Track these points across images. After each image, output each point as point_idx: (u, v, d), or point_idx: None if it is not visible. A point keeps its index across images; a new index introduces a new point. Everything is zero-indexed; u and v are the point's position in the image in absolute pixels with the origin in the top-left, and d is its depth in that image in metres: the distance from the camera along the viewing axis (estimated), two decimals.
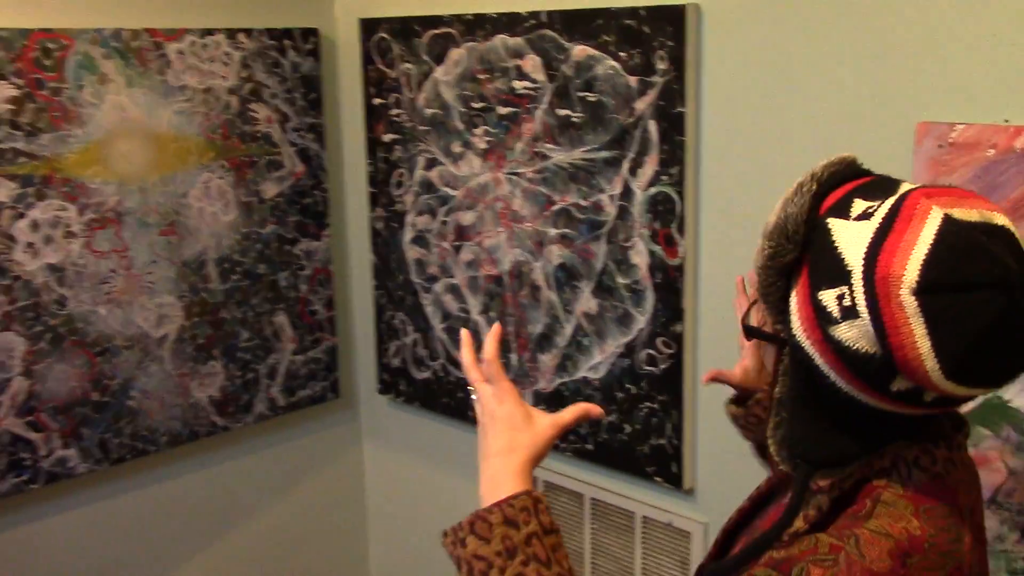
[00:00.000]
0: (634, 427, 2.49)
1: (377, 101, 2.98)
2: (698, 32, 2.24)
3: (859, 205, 0.96)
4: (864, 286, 0.91)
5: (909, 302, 0.89)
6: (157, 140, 2.72)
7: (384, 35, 2.91)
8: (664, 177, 2.32)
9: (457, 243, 2.85)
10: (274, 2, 2.96)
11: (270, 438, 3.16)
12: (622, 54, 2.34)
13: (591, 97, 2.42)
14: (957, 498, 1.02)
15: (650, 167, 2.35)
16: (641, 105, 2.33)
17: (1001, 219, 0.93)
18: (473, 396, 1.25)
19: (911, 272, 0.89)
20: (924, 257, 0.89)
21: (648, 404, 2.45)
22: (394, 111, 2.94)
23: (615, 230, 2.45)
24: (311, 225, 3.08)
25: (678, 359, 2.37)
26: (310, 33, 3.00)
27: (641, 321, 2.44)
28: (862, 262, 0.92)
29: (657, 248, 2.37)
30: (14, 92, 2.45)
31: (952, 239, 0.89)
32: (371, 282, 3.16)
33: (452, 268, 2.88)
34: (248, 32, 2.86)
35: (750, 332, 1.10)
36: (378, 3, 2.97)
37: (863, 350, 0.93)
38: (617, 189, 2.42)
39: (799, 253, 0.98)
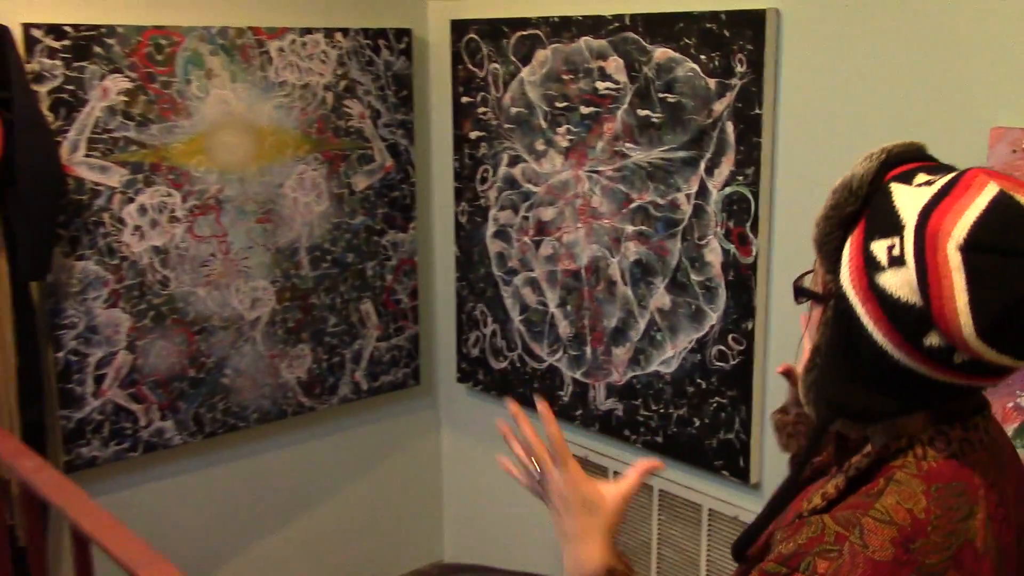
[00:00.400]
0: (703, 421, 2.55)
1: (465, 99, 3.09)
2: (777, 36, 2.29)
3: (922, 177, 1.02)
4: (915, 238, 0.97)
5: (954, 256, 0.94)
6: (257, 133, 2.88)
7: (474, 36, 3.02)
8: (739, 177, 2.38)
9: (537, 238, 2.94)
10: (370, 3, 3.10)
11: (352, 420, 3.29)
12: (702, 56, 2.41)
13: (671, 98, 2.49)
14: (972, 477, 1.05)
15: (726, 167, 2.40)
16: (719, 107, 2.39)
17: None
18: (536, 469, 1.32)
19: (960, 230, 0.95)
20: (975, 219, 0.95)
21: (718, 399, 2.51)
22: (481, 109, 3.05)
23: (690, 228, 2.51)
24: (398, 217, 3.21)
25: (748, 356, 2.43)
26: (403, 33, 3.13)
27: (713, 318, 2.50)
28: (916, 217, 0.98)
29: (731, 246, 2.42)
30: (128, 85, 2.63)
31: (1003, 209, 0.95)
32: (453, 274, 3.27)
33: (531, 262, 2.97)
34: (345, 32, 3.00)
35: (799, 292, 1.14)
36: (469, 5, 3.08)
37: (904, 299, 0.98)
38: (693, 188, 2.49)
39: (859, 207, 1.04)
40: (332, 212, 3.06)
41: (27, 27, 2.47)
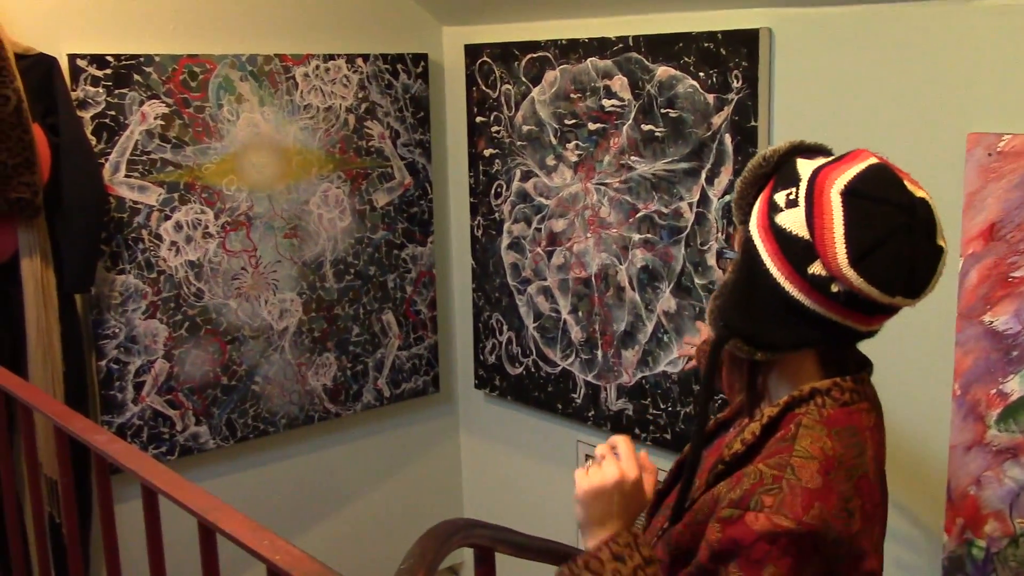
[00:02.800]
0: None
1: (479, 119, 3.27)
2: (770, 53, 2.45)
3: (821, 158, 1.29)
4: (807, 186, 1.23)
5: (835, 199, 1.20)
6: (284, 153, 3.06)
7: (487, 59, 3.20)
8: None
9: (549, 248, 3.10)
10: (388, 30, 3.28)
11: (375, 426, 3.45)
12: (701, 74, 2.58)
13: (672, 113, 2.66)
14: (861, 421, 1.28)
15: (725, 176, 2.56)
16: (718, 120, 2.56)
17: (920, 192, 1.24)
18: (597, 454, 1.38)
19: (841, 180, 1.21)
20: (855, 174, 1.21)
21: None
22: (494, 128, 3.22)
23: (693, 235, 2.67)
24: (417, 232, 3.38)
25: None
26: (420, 58, 3.31)
27: None
28: (810, 172, 1.24)
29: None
30: (165, 110, 2.82)
31: (878, 170, 1.22)
32: (470, 284, 3.44)
33: (544, 271, 3.13)
34: (365, 57, 3.18)
35: (721, 252, 1.34)
36: (482, 31, 3.26)
37: (795, 233, 1.22)
38: (695, 197, 2.65)
39: (770, 172, 1.29)
40: (355, 227, 3.23)
41: (72, 57, 2.66)
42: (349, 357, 3.28)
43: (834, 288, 1.20)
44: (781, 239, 1.23)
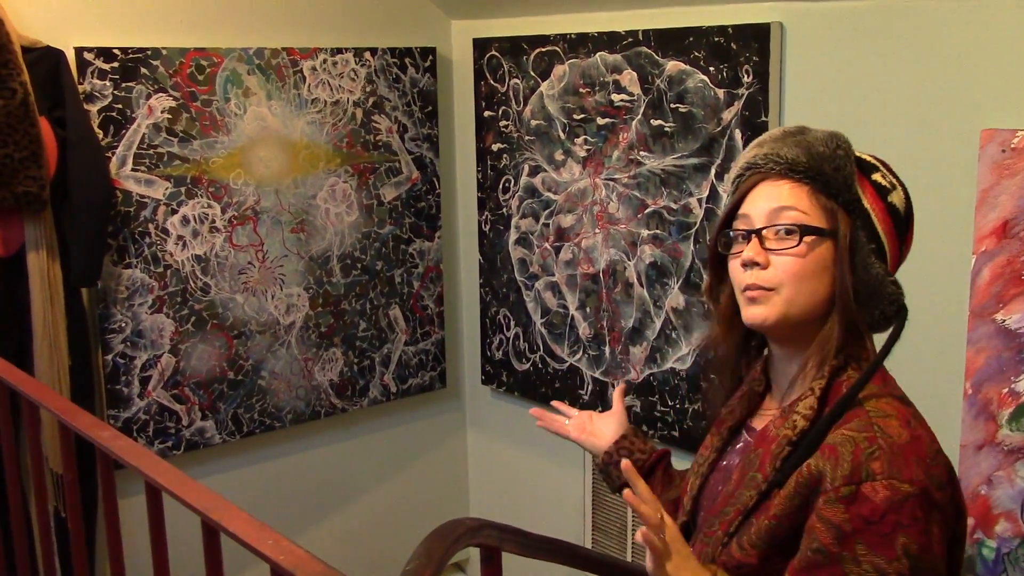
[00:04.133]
0: None
1: (487, 114, 3.25)
2: (781, 48, 2.43)
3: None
4: (887, 169, 1.39)
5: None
6: (291, 147, 3.04)
7: (495, 53, 3.18)
8: None
9: (557, 244, 3.09)
10: (396, 23, 3.27)
11: (382, 421, 3.44)
12: (711, 68, 2.55)
13: (682, 108, 2.64)
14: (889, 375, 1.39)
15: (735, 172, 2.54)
16: (728, 115, 2.54)
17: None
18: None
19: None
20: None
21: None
22: (502, 123, 3.20)
23: (703, 231, 2.65)
24: (424, 226, 3.37)
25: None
26: (428, 52, 3.29)
27: None
28: (877, 162, 1.41)
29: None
30: (172, 103, 2.81)
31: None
32: (477, 280, 3.42)
33: (552, 267, 3.12)
34: (373, 51, 3.17)
35: (810, 230, 1.32)
36: (490, 24, 3.25)
37: (901, 211, 1.37)
38: (705, 193, 2.63)
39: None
40: (362, 222, 3.22)
41: (79, 51, 2.65)
42: (356, 352, 3.27)
43: (895, 266, 1.38)
44: (896, 218, 1.36)
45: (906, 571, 1.19)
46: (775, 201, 1.33)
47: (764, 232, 1.32)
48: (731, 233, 1.37)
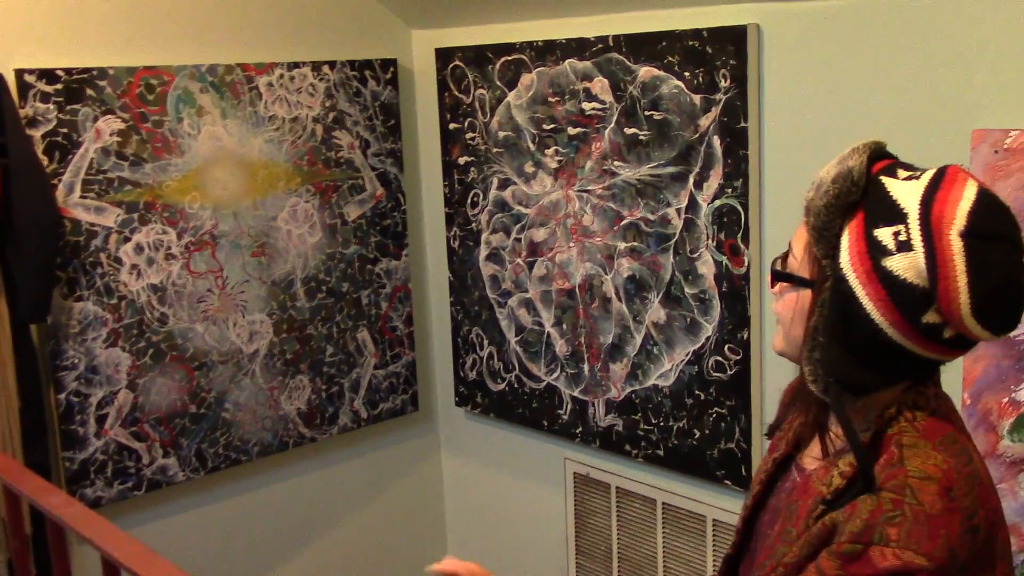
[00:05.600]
0: (703, 432, 2.58)
1: (452, 126, 3.14)
2: (759, 50, 2.34)
3: (903, 172, 1.16)
4: (920, 225, 1.10)
5: (956, 242, 1.08)
6: (249, 167, 2.91)
7: (459, 63, 3.07)
8: (728, 190, 2.43)
9: (530, 259, 2.98)
10: (355, 35, 3.14)
11: (353, 449, 3.31)
12: (686, 74, 2.46)
13: (657, 115, 2.54)
14: (953, 425, 1.20)
15: (715, 180, 2.45)
16: (705, 122, 2.44)
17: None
18: None
19: (960, 218, 1.09)
20: (970, 208, 1.09)
21: (717, 409, 2.54)
22: (469, 135, 3.09)
23: (682, 242, 2.55)
24: (391, 245, 3.24)
25: (745, 365, 2.46)
26: (389, 64, 3.17)
27: (708, 329, 2.53)
28: (918, 207, 1.11)
29: (723, 258, 2.46)
30: (121, 125, 2.66)
31: (988, 199, 1.11)
32: (448, 298, 3.30)
33: (525, 283, 3.01)
34: (332, 64, 3.04)
35: (782, 277, 1.25)
36: (453, 33, 3.13)
37: (910, 281, 1.10)
38: (683, 203, 2.53)
39: (859, 197, 1.15)
40: (326, 243, 3.09)
41: (20, 72, 2.50)
42: (323, 379, 3.14)
43: (947, 334, 1.13)
44: (891, 286, 1.12)
45: None
46: (793, 238, 1.28)
47: None
48: None
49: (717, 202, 2.46)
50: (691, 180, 2.51)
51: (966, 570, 1.11)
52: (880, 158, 1.19)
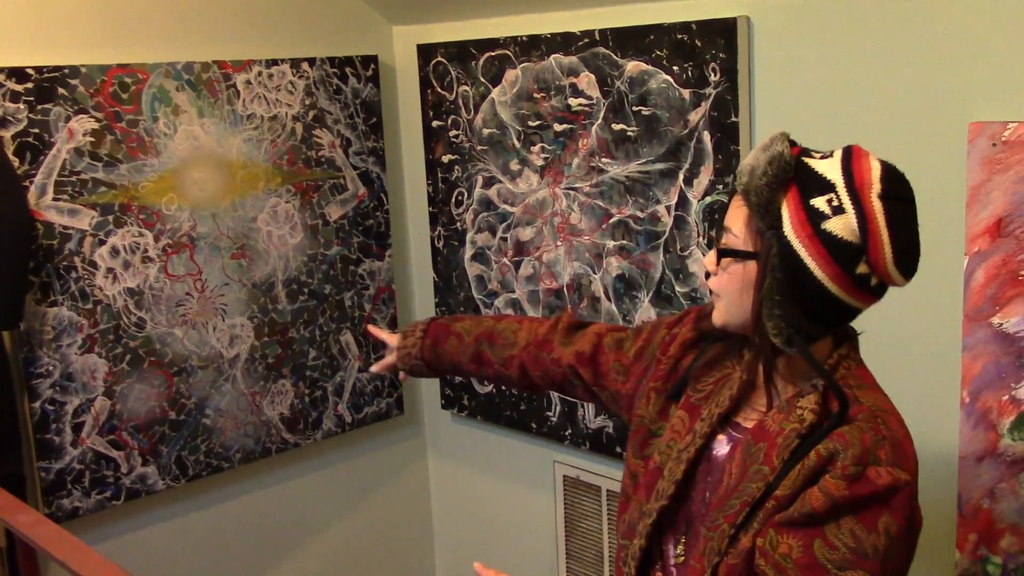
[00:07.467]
0: None
1: (436, 123, 3.07)
2: (749, 43, 2.29)
3: (816, 153, 1.39)
4: (848, 192, 1.32)
5: (877, 203, 1.32)
6: (227, 167, 2.83)
7: (441, 59, 3.00)
8: (719, 186, 2.37)
9: (517, 258, 2.92)
10: (335, 31, 3.07)
11: (338, 454, 3.24)
12: (675, 68, 2.41)
13: (645, 111, 2.49)
14: (872, 374, 1.47)
15: (705, 177, 2.40)
16: (695, 117, 2.39)
17: None
18: None
19: (876, 184, 1.33)
20: (880, 176, 1.34)
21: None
22: (452, 132, 3.03)
23: (672, 240, 2.50)
24: (374, 245, 3.18)
25: None
26: (370, 60, 3.11)
27: None
28: (842, 178, 1.33)
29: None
30: (94, 125, 2.58)
31: (891, 169, 1.37)
32: (433, 299, 3.24)
33: (512, 283, 2.95)
34: (311, 61, 2.97)
35: (727, 253, 1.41)
36: (435, 29, 3.07)
37: (845, 239, 1.32)
38: (673, 200, 2.48)
39: (791, 175, 1.35)
40: (307, 244, 3.02)
41: None
42: (307, 383, 3.07)
43: (873, 282, 1.36)
44: (830, 244, 1.32)
45: (881, 548, 1.30)
46: (727, 219, 1.44)
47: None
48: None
49: (708, 199, 2.41)
50: (681, 176, 2.46)
51: (916, 483, 1.38)
52: (792, 146, 1.38)
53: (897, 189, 1.34)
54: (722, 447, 1.49)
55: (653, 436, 1.58)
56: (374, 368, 2.12)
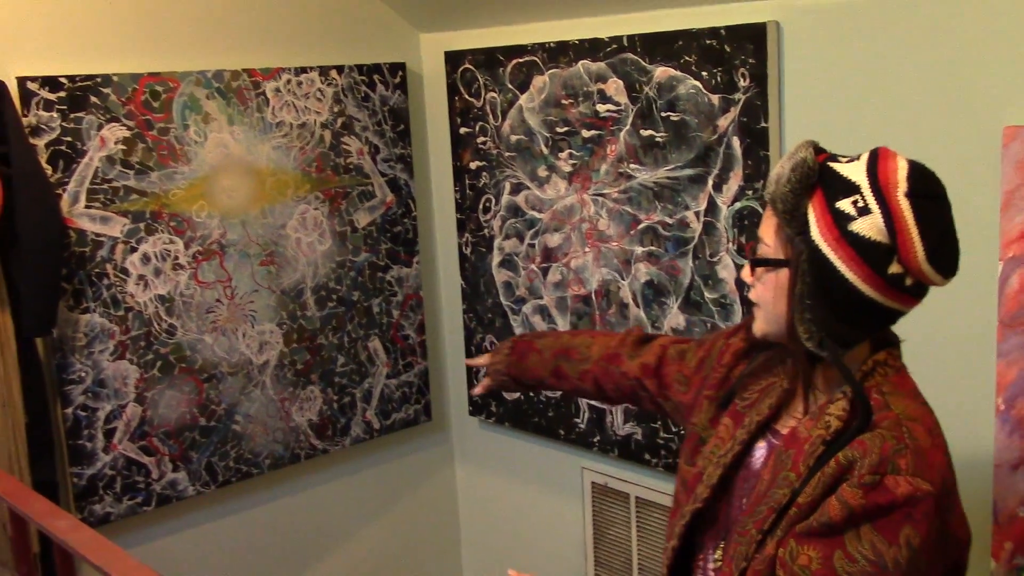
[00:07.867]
0: None
1: (463, 130, 3.08)
2: (779, 48, 2.28)
3: (842, 158, 1.39)
4: (872, 192, 1.32)
5: (904, 201, 1.31)
6: (257, 175, 2.85)
7: (469, 66, 3.01)
8: (749, 192, 2.36)
9: (544, 265, 2.92)
10: (363, 39, 3.09)
11: (366, 460, 3.25)
12: (704, 73, 2.40)
13: (674, 116, 2.48)
14: (913, 381, 1.44)
15: (735, 182, 2.39)
16: (724, 122, 2.38)
17: None
18: None
19: (902, 182, 1.31)
20: (906, 174, 1.32)
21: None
22: (480, 139, 3.03)
23: (701, 246, 2.49)
24: (402, 252, 3.19)
25: None
26: (398, 68, 3.12)
27: None
28: (867, 179, 1.33)
29: (744, 262, 2.40)
30: (126, 133, 2.61)
31: (919, 167, 1.35)
32: (460, 306, 3.24)
33: (540, 289, 2.94)
34: (340, 69, 2.99)
35: (760, 262, 1.42)
36: (462, 36, 3.07)
37: (873, 239, 1.31)
38: (702, 205, 2.47)
39: (816, 180, 1.35)
40: (335, 250, 3.04)
41: (22, 80, 2.45)
42: (335, 389, 3.08)
43: (908, 282, 1.33)
44: (858, 245, 1.32)
45: (903, 561, 1.27)
46: (760, 230, 1.45)
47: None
48: None
49: (737, 204, 2.40)
50: (710, 182, 2.44)
51: (948, 495, 1.34)
52: (818, 153, 1.39)
53: (925, 186, 1.33)
54: (760, 454, 1.50)
55: (703, 443, 1.59)
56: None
